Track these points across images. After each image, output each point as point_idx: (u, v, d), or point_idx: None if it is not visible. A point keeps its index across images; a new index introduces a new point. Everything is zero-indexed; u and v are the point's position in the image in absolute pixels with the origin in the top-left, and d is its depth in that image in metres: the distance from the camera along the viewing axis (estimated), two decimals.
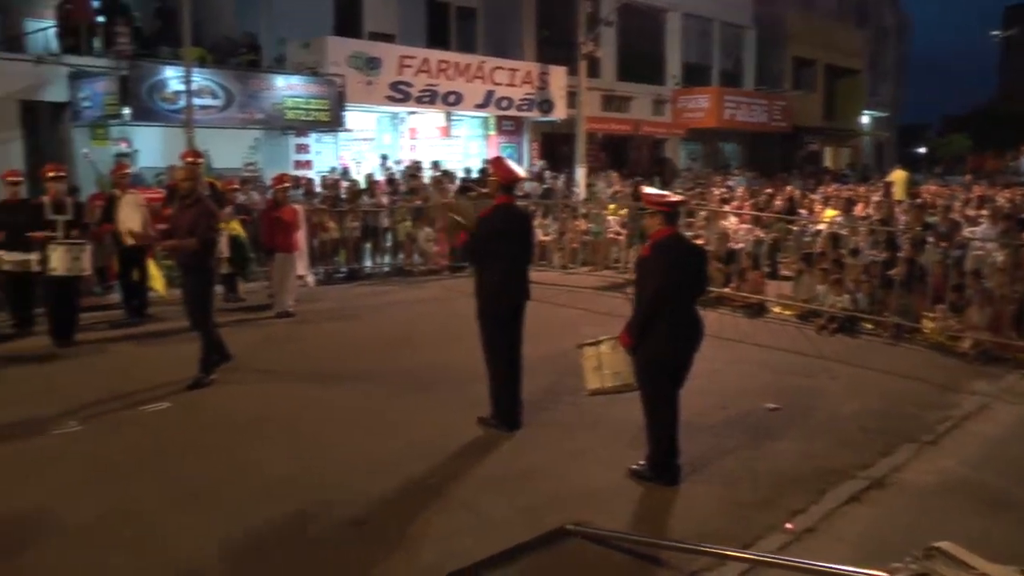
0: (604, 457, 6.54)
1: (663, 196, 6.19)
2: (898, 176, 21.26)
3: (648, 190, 6.61)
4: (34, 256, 10.06)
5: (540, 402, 7.69)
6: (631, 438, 6.61)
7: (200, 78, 16.40)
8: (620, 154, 28.15)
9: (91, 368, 9.31)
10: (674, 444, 6.03)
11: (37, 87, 16.45)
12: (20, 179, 10.97)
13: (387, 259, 16.51)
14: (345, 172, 19.38)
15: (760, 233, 15.42)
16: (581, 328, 10.13)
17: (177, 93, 15.91)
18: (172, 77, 16.23)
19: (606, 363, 6.28)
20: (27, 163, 15.19)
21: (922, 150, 61.80)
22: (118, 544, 5.10)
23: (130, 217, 11.25)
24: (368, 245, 16.22)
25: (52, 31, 17.13)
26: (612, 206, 18.17)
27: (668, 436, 6.01)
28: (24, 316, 10.68)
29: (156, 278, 12.18)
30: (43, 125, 17.33)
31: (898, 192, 19.54)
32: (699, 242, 11.80)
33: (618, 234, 16.67)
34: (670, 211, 6.00)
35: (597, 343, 6.35)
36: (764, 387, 8.55)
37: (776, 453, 6.73)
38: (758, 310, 12.46)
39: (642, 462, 6.13)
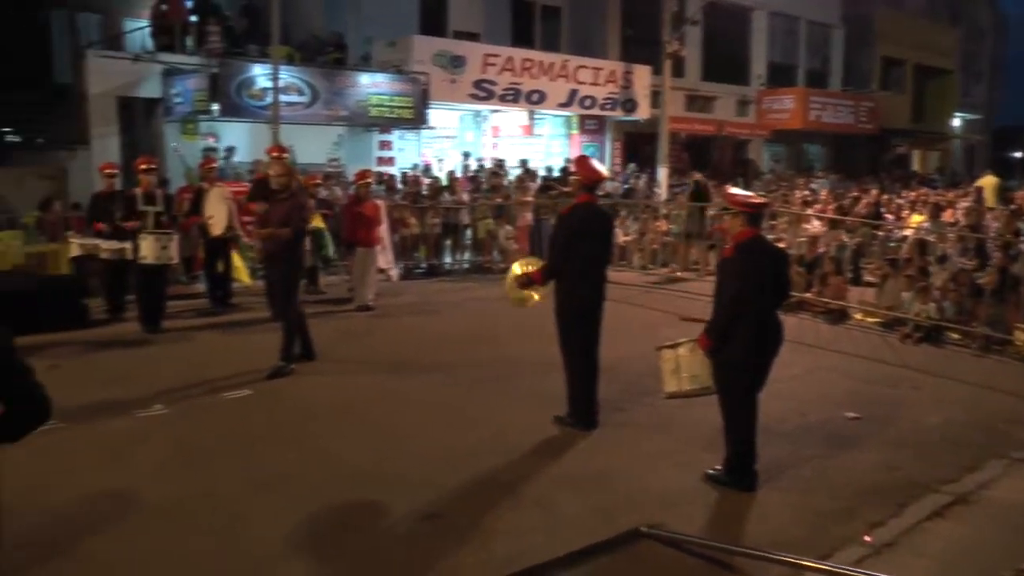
0: (680, 460, 6.48)
1: (747, 197, 6.12)
2: (988, 181, 20.56)
3: (733, 190, 6.54)
4: (128, 245, 10.45)
5: (617, 403, 7.66)
6: (708, 442, 6.54)
7: (287, 75, 16.72)
8: (703, 155, 27.85)
9: (176, 354, 9.59)
10: (751, 449, 5.96)
11: (133, 84, 17.04)
12: (116, 171, 11.42)
13: (467, 256, 16.61)
14: (427, 169, 19.56)
15: (844, 237, 15.11)
16: (660, 330, 10.10)
17: (264, 90, 16.25)
18: (260, 74, 16.59)
19: (684, 366, 6.23)
20: (122, 156, 15.70)
21: (1018, 154, 59.73)
22: (199, 525, 5.24)
23: (216, 210, 11.57)
24: (448, 242, 16.36)
25: (148, 30, 17.70)
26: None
27: (745, 441, 5.94)
28: (117, 303, 11.09)
29: (240, 269, 12.51)
30: (138, 120, 17.93)
31: (988, 198, 18.94)
32: (781, 245, 11.62)
33: (711, 235, 16.50)
34: (753, 212, 5.92)
35: (675, 345, 6.29)
36: (844, 395, 8.38)
37: (855, 463, 6.58)
38: (839, 316, 12.21)
39: (718, 466, 6.07)
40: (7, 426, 3.00)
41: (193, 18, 17.92)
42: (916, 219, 15.68)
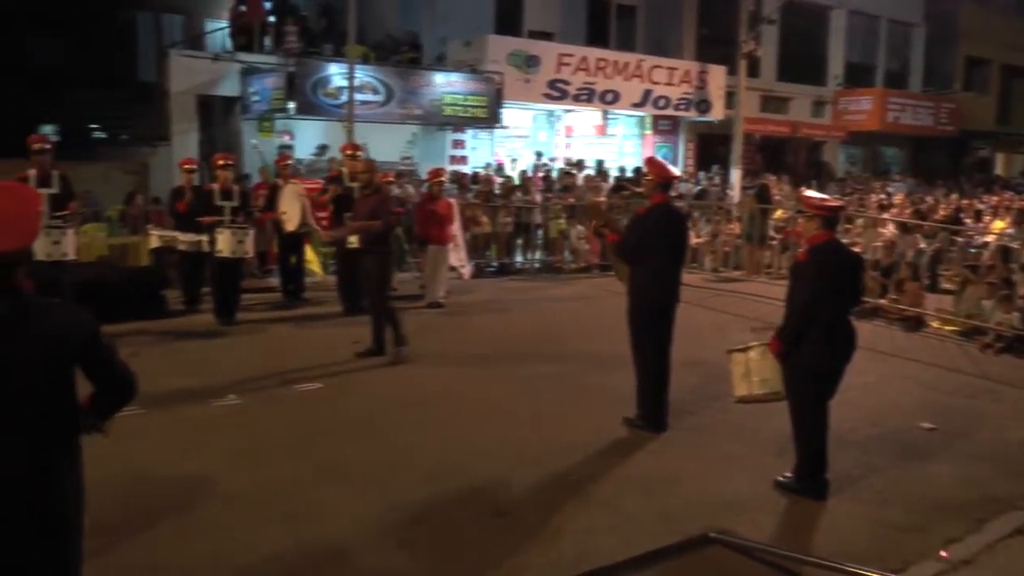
0: (749, 465, 6.40)
1: (823, 200, 6.01)
2: None
3: (808, 193, 6.44)
4: (204, 238, 10.69)
5: (687, 406, 7.60)
6: (778, 448, 6.45)
7: (363, 74, 16.93)
8: (777, 157, 27.46)
9: (250, 346, 9.79)
10: (822, 457, 5.85)
11: (213, 83, 17.44)
12: (195, 167, 11.71)
13: (538, 255, 16.63)
14: (500, 168, 19.62)
15: (921, 243, 14.77)
16: (730, 333, 9.99)
17: (340, 89, 16.47)
18: (336, 73, 16.80)
19: (754, 370, 6.13)
20: (201, 153, 16.07)
21: None
22: (271, 513, 5.34)
23: (290, 206, 11.79)
24: (519, 241, 16.39)
25: (227, 31, 18.12)
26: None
27: (816, 449, 5.82)
28: (193, 294, 11.36)
29: (313, 261, 12.71)
30: (216, 118, 18.37)
31: None
32: (856, 250, 11.40)
33: (772, 238, 16.30)
34: (829, 216, 5.81)
35: (746, 349, 6.20)
36: (919, 405, 8.17)
37: (930, 476, 6.41)
38: (916, 324, 11.92)
39: (788, 474, 5.97)
40: (97, 405, 3.21)
41: (271, 19, 18.29)
42: (999, 225, 15.26)
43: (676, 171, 7.86)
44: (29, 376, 2.91)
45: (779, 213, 17.20)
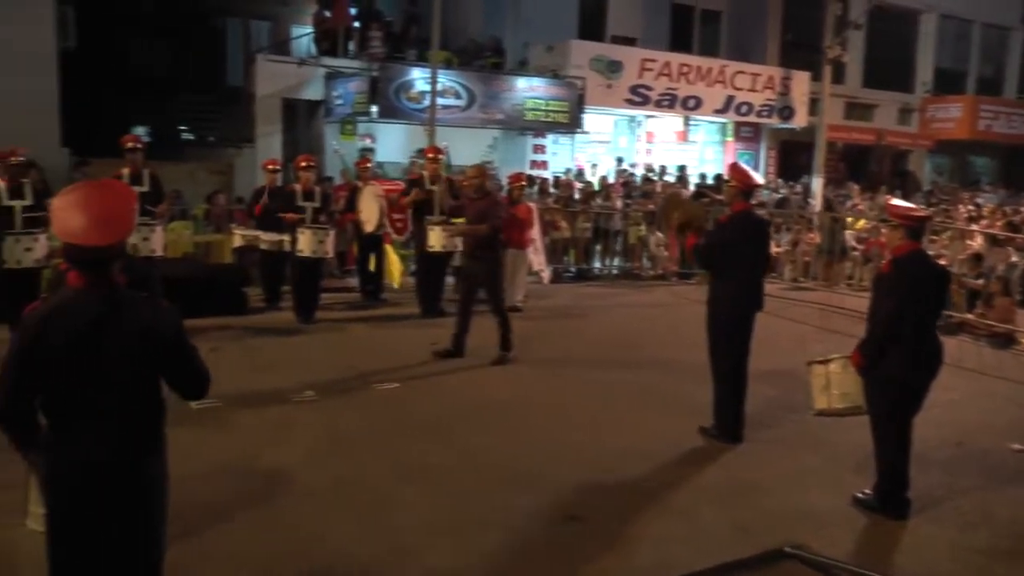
0: (827, 480, 6.26)
1: (909, 209, 5.85)
2: None
3: (895, 201, 6.27)
4: (286, 237, 10.88)
5: (764, 417, 7.46)
6: (857, 464, 6.29)
7: (445, 79, 17.05)
8: (860, 165, 26.82)
9: (328, 344, 9.90)
10: (904, 475, 5.66)
11: (297, 87, 17.82)
12: (278, 167, 11.93)
13: (616, 262, 16.54)
14: (580, 173, 19.58)
15: (1014, 256, 14.28)
16: (810, 345, 9.79)
17: (422, 93, 16.62)
18: (418, 78, 17.00)
19: (835, 383, 6.00)
20: (284, 154, 16.38)
21: None
22: (347, 510, 5.40)
23: (369, 207, 11.93)
24: (598, 247, 16.33)
25: (313, 36, 18.47)
26: (849, 219, 17.39)
27: (897, 466, 5.64)
28: (273, 292, 11.57)
29: (393, 264, 12.82)
30: (300, 121, 18.74)
31: None
32: (942, 262, 11.08)
33: (854, 249, 15.95)
34: (914, 226, 5.64)
35: (826, 361, 6.07)
36: (1009, 425, 7.86)
37: (1019, 499, 6.17)
38: (1005, 341, 11.49)
39: (868, 491, 5.79)
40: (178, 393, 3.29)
41: (356, 24, 18.57)
42: None
43: (759, 178, 7.72)
44: (121, 367, 3.05)
45: (861, 223, 16.81)
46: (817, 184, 20.93)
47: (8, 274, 9.37)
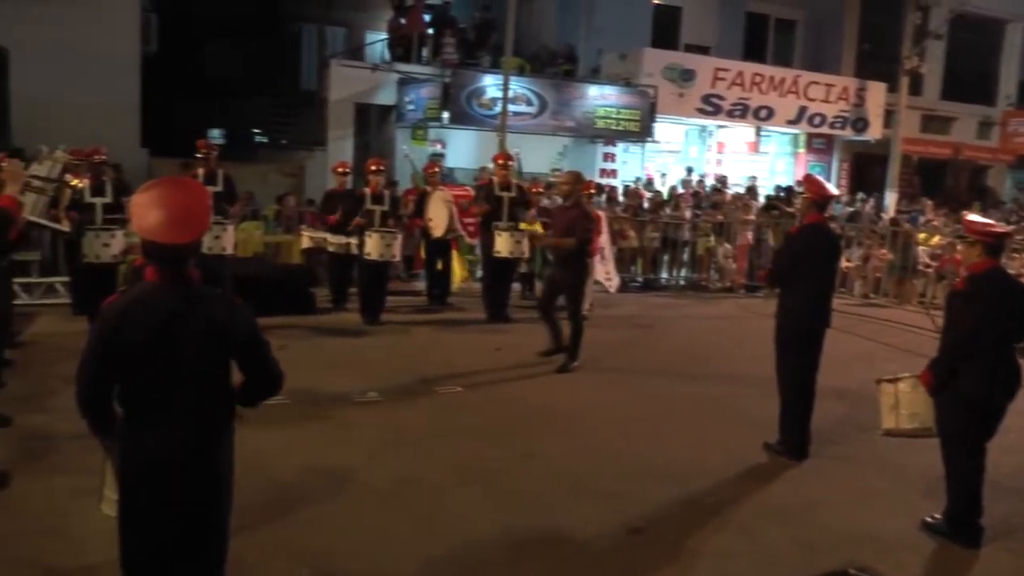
0: (894, 502, 6.05)
1: (987, 225, 5.64)
2: None
3: (972, 217, 6.08)
4: (353, 240, 10.99)
5: (830, 435, 7.27)
6: (927, 487, 6.06)
7: (517, 86, 17.10)
8: (935, 180, 26.14)
9: (393, 347, 9.96)
10: (976, 501, 5.40)
11: (370, 92, 18.01)
12: (348, 170, 12.08)
13: (683, 272, 16.40)
14: (649, 183, 19.46)
15: None
16: (879, 363, 9.55)
17: (494, 100, 16.69)
18: (490, 84, 17.06)
19: (904, 402, 5.78)
20: (355, 158, 16.56)
21: None
22: (406, 511, 5.39)
23: (437, 212, 12.00)
24: (666, 257, 16.21)
25: (386, 42, 18.70)
26: (923, 235, 16.98)
27: (970, 491, 5.39)
28: (341, 293, 11.71)
29: (458, 269, 12.89)
30: (371, 125, 18.96)
31: None
32: None
33: (927, 266, 15.57)
34: (993, 242, 5.42)
35: (896, 380, 5.84)
36: None
37: None
38: None
39: (938, 515, 5.55)
40: (246, 393, 3.33)
41: (430, 30, 18.72)
42: None
43: (834, 189, 7.58)
44: (196, 362, 3.10)
45: (935, 240, 16.41)
46: (890, 198, 20.50)
47: (87, 268, 9.69)
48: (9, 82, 12.57)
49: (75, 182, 9.70)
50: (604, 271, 13.34)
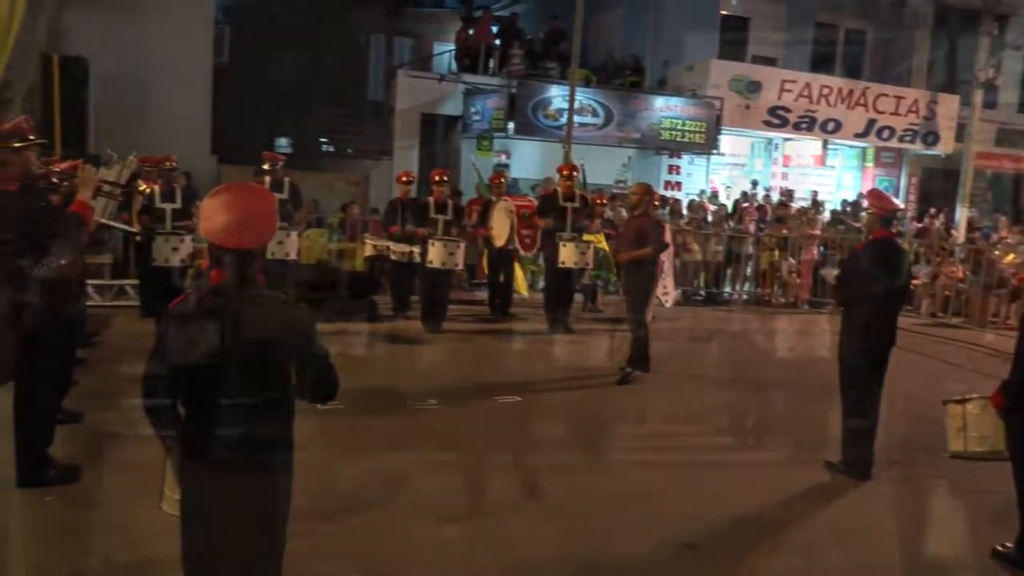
0: (960, 528, 5.90)
1: None
2: None
3: None
4: (416, 248, 11.09)
5: (894, 455, 7.09)
6: (996, 513, 5.83)
7: (583, 97, 17.11)
8: (1010, 196, 25.48)
9: (453, 355, 10.04)
10: None
11: (436, 102, 18.22)
12: (412, 180, 12.22)
13: (746, 287, 16.24)
14: (714, 196, 19.31)
15: None
16: (946, 384, 9.33)
17: (560, 111, 16.72)
18: (556, 95, 17.11)
19: (972, 424, 5.62)
20: (420, 167, 16.73)
21: None
22: (460, 520, 5.39)
23: (500, 222, 12.06)
24: (729, 271, 16.07)
25: (453, 53, 18.86)
26: (997, 253, 16.57)
27: None
28: (402, 301, 11.80)
29: (520, 280, 12.91)
30: (437, 135, 19.11)
31: None
32: None
33: (1001, 284, 15.17)
34: None
35: (964, 401, 5.71)
36: None
37: None
38: None
39: (1009, 544, 5.32)
40: (303, 396, 3.35)
41: (497, 42, 18.84)
42: None
43: (899, 203, 7.44)
44: (258, 365, 3.14)
45: (1010, 258, 16.00)
46: (962, 214, 20.02)
47: (155, 271, 9.93)
48: (89, 92, 12.92)
49: (145, 188, 9.95)
50: (662, 285, 13.24)
